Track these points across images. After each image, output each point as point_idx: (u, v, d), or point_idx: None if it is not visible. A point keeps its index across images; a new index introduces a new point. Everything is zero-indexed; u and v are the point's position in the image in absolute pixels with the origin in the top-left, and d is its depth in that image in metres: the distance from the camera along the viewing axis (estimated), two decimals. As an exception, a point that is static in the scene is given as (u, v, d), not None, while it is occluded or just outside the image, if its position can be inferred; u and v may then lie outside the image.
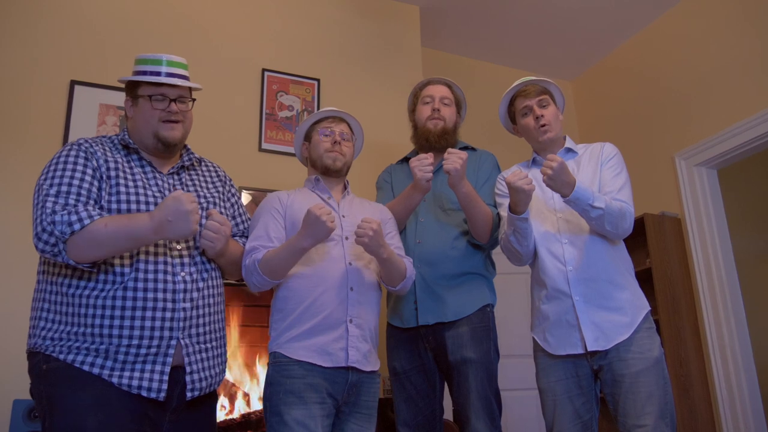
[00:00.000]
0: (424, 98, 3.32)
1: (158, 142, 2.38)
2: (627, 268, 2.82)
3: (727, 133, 4.72)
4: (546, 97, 2.99)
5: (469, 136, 5.62)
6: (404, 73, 4.79)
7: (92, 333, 2.10)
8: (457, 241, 3.11)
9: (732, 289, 4.73)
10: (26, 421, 2.91)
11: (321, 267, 2.59)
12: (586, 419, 2.72)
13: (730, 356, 4.58)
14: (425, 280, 3.04)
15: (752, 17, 4.64)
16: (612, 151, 2.94)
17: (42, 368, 2.12)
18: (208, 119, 3.77)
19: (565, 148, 3.03)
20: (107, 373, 2.08)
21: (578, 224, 2.81)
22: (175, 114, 2.38)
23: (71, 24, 3.90)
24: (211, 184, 2.59)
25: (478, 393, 2.90)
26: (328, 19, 4.69)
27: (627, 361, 2.61)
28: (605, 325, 2.67)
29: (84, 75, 3.82)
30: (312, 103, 4.35)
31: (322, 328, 2.51)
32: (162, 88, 2.35)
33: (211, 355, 2.31)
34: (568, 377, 2.74)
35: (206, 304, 2.32)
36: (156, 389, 2.12)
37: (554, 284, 2.81)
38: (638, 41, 5.71)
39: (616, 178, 2.85)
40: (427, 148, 3.25)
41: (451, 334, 2.97)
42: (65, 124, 3.69)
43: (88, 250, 2.07)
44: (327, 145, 2.83)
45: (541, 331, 2.88)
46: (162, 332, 2.16)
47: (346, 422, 2.55)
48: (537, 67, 6.22)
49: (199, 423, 2.34)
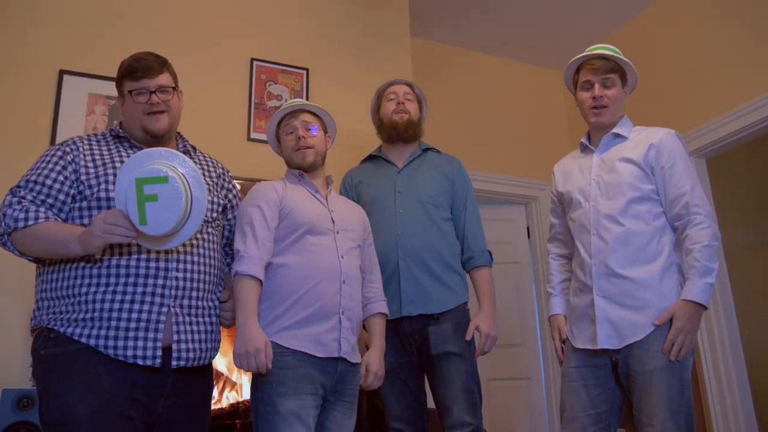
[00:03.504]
0: (388, 95, 3.43)
1: (146, 134, 2.47)
2: (663, 264, 2.64)
3: (715, 122, 4.73)
4: (613, 77, 2.83)
5: (458, 126, 5.65)
6: (393, 62, 4.79)
7: (86, 300, 2.19)
8: (437, 236, 3.16)
9: (721, 279, 4.73)
10: (15, 410, 2.90)
11: (315, 259, 2.61)
12: (600, 410, 2.68)
13: (719, 348, 4.60)
14: (411, 272, 3.08)
15: (740, 8, 4.65)
16: (668, 149, 2.74)
17: (41, 353, 2.20)
18: (196, 109, 3.76)
19: (612, 134, 2.87)
20: (103, 343, 2.15)
21: (606, 214, 2.72)
22: (157, 105, 2.45)
23: (60, 13, 3.87)
24: (206, 171, 2.64)
25: (461, 385, 2.94)
26: (318, 9, 4.67)
27: (641, 358, 2.55)
28: (621, 324, 2.61)
29: (73, 64, 3.80)
30: (301, 92, 4.34)
31: (316, 319, 2.53)
32: (141, 81, 2.44)
33: (201, 329, 2.36)
34: (586, 365, 2.72)
35: (201, 279, 2.37)
36: (151, 356, 2.19)
37: (581, 276, 2.79)
38: (626, 32, 5.71)
39: (681, 178, 2.69)
40: (395, 138, 3.36)
41: (434, 330, 3.02)
42: (54, 113, 3.67)
43: (28, 246, 2.24)
44: (292, 143, 2.85)
45: (570, 322, 2.87)
46: (153, 298, 2.23)
47: (331, 410, 2.59)
48: (526, 57, 6.22)
49: (193, 411, 2.37)
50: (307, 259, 2.60)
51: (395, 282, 3.07)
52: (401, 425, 3.04)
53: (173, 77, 2.55)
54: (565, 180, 2.98)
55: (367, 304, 2.85)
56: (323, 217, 2.73)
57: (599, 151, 2.89)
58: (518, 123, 6.06)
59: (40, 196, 2.28)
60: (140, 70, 2.44)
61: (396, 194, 3.23)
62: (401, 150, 3.40)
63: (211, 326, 2.43)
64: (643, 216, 2.69)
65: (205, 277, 2.39)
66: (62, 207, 2.30)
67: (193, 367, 2.33)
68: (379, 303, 2.88)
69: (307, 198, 2.78)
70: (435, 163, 3.37)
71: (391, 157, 3.40)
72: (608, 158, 2.83)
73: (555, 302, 2.99)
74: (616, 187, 2.74)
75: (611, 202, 2.73)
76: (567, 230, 2.99)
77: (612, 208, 2.71)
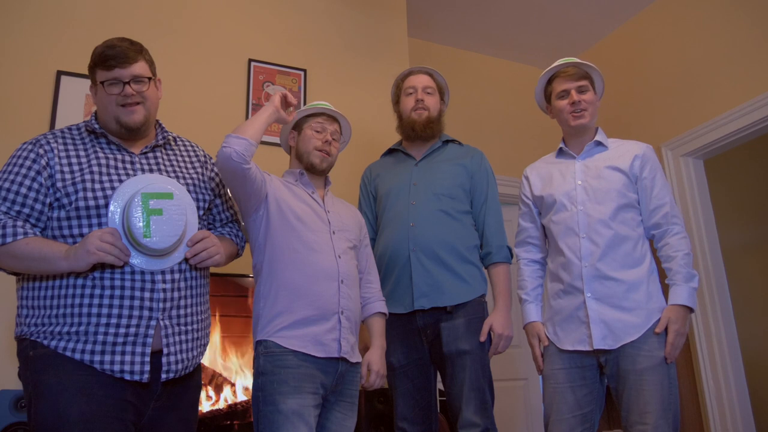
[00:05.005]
0: (407, 89, 3.37)
1: (120, 127, 2.35)
2: (647, 269, 2.77)
3: (713, 123, 4.73)
4: (586, 83, 2.93)
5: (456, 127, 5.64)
6: (391, 63, 4.77)
7: (72, 314, 2.12)
8: (451, 228, 3.13)
9: (718, 280, 4.74)
10: (13, 411, 2.89)
11: (312, 258, 2.62)
12: (586, 411, 2.72)
13: (716, 347, 4.60)
14: (422, 264, 3.05)
15: (737, 10, 4.66)
16: (651, 162, 2.88)
17: (29, 354, 2.15)
18: (194, 109, 3.76)
19: (595, 141, 2.97)
20: (88, 358, 2.09)
21: (599, 219, 2.79)
22: (131, 96, 2.31)
23: (57, 14, 3.86)
24: (189, 163, 2.55)
25: (472, 384, 2.91)
26: (315, 9, 4.67)
27: (633, 357, 2.62)
28: (615, 324, 2.67)
29: (70, 65, 3.79)
30: (299, 93, 4.33)
31: (316, 319, 2.54)
32: (113, 71, 2.29)
33: (190, 338, 2.30)
34: (573, 366, 2.75)
35: (188, 286, 2.32)
36: (138, 371, 2.13)
37: (569, 279, 2.81)
38: (625, 32, 5.72)
39: (662, 191, 2.85)
40: (413, 137, 3.32)
41: (446, 326, 2.99)
42: (51, 114, 3.66)
43: (6, 261, 2.16)
44: (317, 143, 2.84)
45: (552, 325, 2.88)
46: (141, 312, 2.16)
47: (331, 410, 2.59)
48: (524, 58, 6.23)
49: (182, 413, 2.34)
50: (304, 259, 2.60)
51: (407, 275, 3.05)
52: (406, 425, 3.03)
53: (150, 65, 2.41)
54: (545, 184, 3.04)
55: (366, 304, 2.86)
56: (319, 217, 2.74)
57: (581, 158, 2.97)
58: (516, 124, 6.05)
59: (15, 206, 2.18)
60: (113, 59, 2.28)
61: (411, 186, 3.22)
62: (420, 145, 3.38)
63: (199, 331, 2.37)
64: (629, 222, 2.81)
65: (192, 282, 2.35)
66: (39, 217, 2.21)
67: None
68: (377, 303, 2.89)
69: (303, 198, 2.78)
70: (454, 154, 3.34)
71: (410, 151, 3.39)
72: (593, 165, 2.92)
73: (531, 309, 3.02)
74: (605, 193, 2.82)
75: (601, 207, 2.81)
76: (540, 234, 3.09)
77: (602, 213, 2.79)
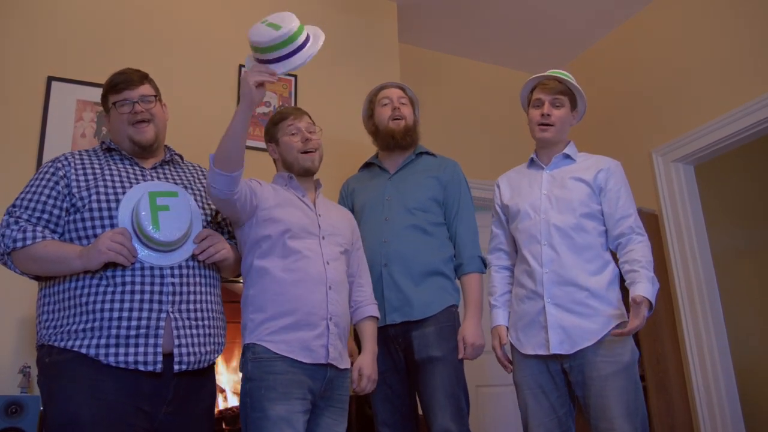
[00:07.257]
0: (382, 100, 3.39)
1: (134, 145, 2.55)
2: (608, 277, 2.82)
3: (704, 129, 4.73)
4: (563, 99, 2.96)
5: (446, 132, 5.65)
6: (381, 69, 4.79)
7: (86, 311, 2.23)
8: (422, 242, 3.14)
9: (709, 285, 4.73)
10: (3, 416, 2.89)
11: (301, 264, 2.61)
12: (560, 414, 2.77)
13: (707, 353, 4.59)
14: (393, 279, 3.07)
15: (728, 15, 4.67)
16: (616, 176, 2.94)
17: (45, 362, 2.26)
18: (185, 115, 3.76)
19: (563, 154, 3.02)
20: (103, 352, 2.18)
21: (560, 228, 2.84)
22: (140, 113, 2.53)
23: (47, 19, 3.87)
24: (195, 178, 2.71)
25: (445, 391, 2.92)
26: (306, 15, 4.61)
27: (596, 364, 2.66)
28: (573, 330, 2.72)
29: (61, 71, 3.80)
30: (289, 99, 4.34)
31: (304, 324, 2.53)
32: (123, 93, 2.53)
33: (202, 333, 2.39)
34: (542, 372, 2.80)
35: (197, 283, 2.42)
36: (152, 362, 2.23)
37: (532, 285, 2.85)
38: (615, 37, 5.73)
39: (627, 202, 2.90)
40: (392, 146, 3.34)
41: (417, 334, 3.01)
42: (42, 120, 3.67)
43: (27, 265, 2.32)
44: (298, 145, 2.83)
45: (515, 330, 2.93)
46: (152, 305, 2.27)
47: (321, 416, 2.59)
48: (516, 63, 6.23)
49: (195, 419, 2.40)
50: (292, 264, 2.60)
51: (379, 290, 3.06)
52: (387, 430, 3.04)
53: (155, 89, 2.64)
54: (513, 193, 3.10)
55: (358, 308, 2.85)
56: (309, 222, 2.72)
57: (549, 168, 3.03)
58: (507, 130, 6.03)
59: (36, 213, 2.34)
60: (121, 83, 2.53)
61: (384, 202, 3.23)
62: (397, 156, 3.38)
63: (212, 329, 2.46)
64: (590, 231, 2.86)
65: (201, 280, 2.44)
66: (57, 222, 2.36)
67: (195, 371, 2.36)
68: (369, 307, 2.88)
69: (293, 202, 2.77)
70: (428, 166, 3.35)
71: (386, 164, 3.40)
72: (559, 176, 2.98)
73: (499, 314, 3.05)
74: (567, 203, 2.88)
75: (562, 216, 2.86)
76: (510, 240, 3.12)
77: (563, 222, 2.85)
